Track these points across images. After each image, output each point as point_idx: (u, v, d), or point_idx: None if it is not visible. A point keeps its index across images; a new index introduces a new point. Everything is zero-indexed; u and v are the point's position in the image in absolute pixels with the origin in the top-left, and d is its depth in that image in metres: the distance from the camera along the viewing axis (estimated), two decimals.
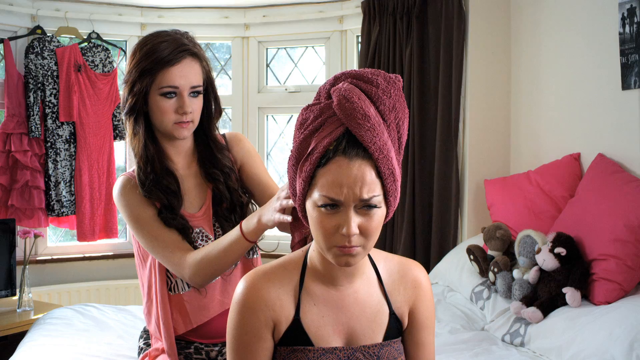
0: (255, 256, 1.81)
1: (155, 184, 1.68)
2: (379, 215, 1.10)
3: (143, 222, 1.68)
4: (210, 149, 1.80)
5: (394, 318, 1.22)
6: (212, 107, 1.78)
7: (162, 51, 1.65)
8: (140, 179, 1.69)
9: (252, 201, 1.83)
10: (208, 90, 1.76)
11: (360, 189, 1.06)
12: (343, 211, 1.07)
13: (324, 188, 1.07)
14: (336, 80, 1.14)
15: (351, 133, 1.08)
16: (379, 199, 1.09)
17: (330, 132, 1.08)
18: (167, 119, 1.68)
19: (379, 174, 1.09)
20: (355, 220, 1.07)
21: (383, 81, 1.12)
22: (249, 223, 1.57)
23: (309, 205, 1.11)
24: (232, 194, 1.77)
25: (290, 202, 1.41)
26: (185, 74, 1.67)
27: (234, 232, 1.59)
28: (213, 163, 1.78)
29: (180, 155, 1.78)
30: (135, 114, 1.69)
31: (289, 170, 1.16)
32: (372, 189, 1.07)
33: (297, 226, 1.37)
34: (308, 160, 1.09)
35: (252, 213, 1.63)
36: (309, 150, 1.09)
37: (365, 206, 1.08)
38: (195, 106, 1.70)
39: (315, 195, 1.09)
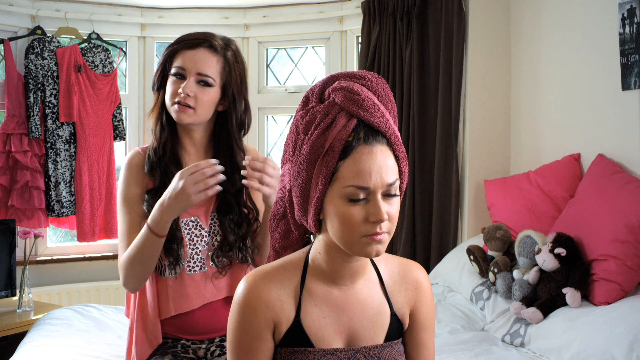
0: (248, 265, 1.82)
1: (160, 164, 1.74)
2: (398, 200, 1.13)
3: (129, 204, 1.73)
4: (229, 162, 1.78)
5: (395, 319, 1.22)
6: (232, 110, 1.78)
7: (186, 37, 1.76)
8: (150, 155, 1.75)
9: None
10: (227, 90, 1.77)
11: (386, 173, 1.09)
12: (371, 199, 1.09)
13: (351, 178, 1.08)
14: (325, 83, 1.16)
15: (364, 123, 1.10)
16: (398, 183, 1.12)
17: (344, 125, 1.10)
18: (170, 99, 1.74)
19: (395, 158, 1.12)
20: (384, 207, 1.09)
21: (372, 77, 1.16)
22: (153, 215, 1.62)
23: (330, 202, 1.11)
24: (239, 205, 1.80)
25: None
26: (196, 60, 1.73)
27: (144, 228, 1.63)
28: (228, 176, 1.78)
29: (194, 147, 1.82)
30: (156, 87, 1.79)
31: (299, 174, 1.13)
32: (394, 173, 1.11)
33: (278, 230, 1.32)
34: (328, 156, 1.09)
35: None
36: (327, 147, 1.10)
37: (388, 194, 1.10)
38: (200, 95, 1.72)
39: (340, 190, 1.09)
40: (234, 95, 1.78)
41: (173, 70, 1.74)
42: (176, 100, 1.71)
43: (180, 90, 1.70)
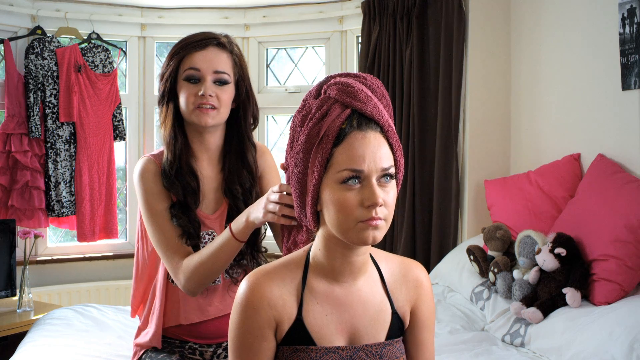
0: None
1: (178, 177, 1.69)
2: (394, 189, 1.14)
3: (155, 213, 1.68)
4: (240, 158, 1.77)
5: (396, 317, 1.23)
6: (245, 105, 1.77)
7: (189, 39, 1.72)
8: (165, 168, 1.69)
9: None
10: (240, 85, 1.75)
11: (380, 158, 1.11)
12: (366, 184, 1.10)
13: (345, 162, 1.10)
14: (322, 83, 1.19)
15: (358, 113, 1.12)
16: (393, 170, 1.13)
17: (338, 114, 1.12)
18: (189, 103, 1.68)
19: (390, 147, 1.14)
20: (379, 192, 1.10)
21: (367, 76, 1.19)
22: (238, 222, 1.57)
23: (326, 190, 1.12)
24: None
25: (278, 207, 1.42)
26: (209, 59, 1.69)
27: (225, 233, 1.59)
28: (239, 176, 1.76)
29: (207, 153, 1.76)
30: (165, 99, 1.72)
31: (296, 165, 1.16)
32: (389, 159, 1.12)
33: (289, 229, 1.37)
34: (323, 143, 1.11)
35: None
36: (322, 134, 1.12)
37: (384, 176, 1.11)
38: (220, 94, 1.69)
39: (335, 175, 1.10)
40: (247, 90, 1.77)
41: (186, 75, 1.68)
42: (198, 103, 1.67)
43: (201, 93, 1.66)
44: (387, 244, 3.41)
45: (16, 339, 2.71)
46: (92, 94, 3.64)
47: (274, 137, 4.09)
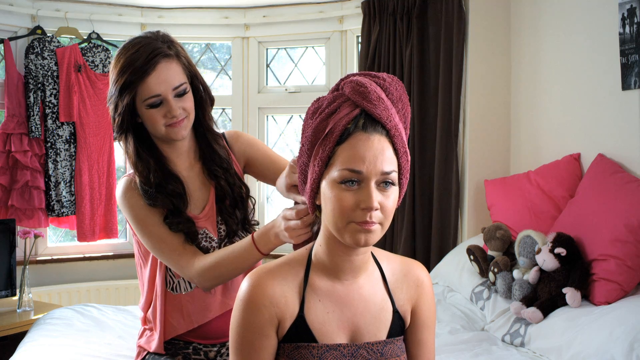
0: None
1: (160, 191, 1.68)
2: (395, 194, 1.14)
3: (149, 225, 1.68)
4: (209, 143, 1.79)
5: (397, 316, 1.23)
6: (202, 98, 1.76)
7: (135, 62, 1.63)
8: (144, 189, 1.68)
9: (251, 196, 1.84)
10: (194, 83, 1.73)
11: (382, 162, 1.10)
12: (364, 187, 1.10)
13: (345, 162, 1.10)
14: (342, 80, 1.19)
15: (367, 113, 1.12)
16: (395, 175, 1.13)
17: (346, 113, 1.12)
18: (158, 126, 1.67)
19: (395, 151, 1.13)
20: (376, 195, 1.09)
21: (387, 77, 1.18)
22: (264, 238, 1.55)
23: (325, 186, 1.13)
24: (233, 188, 1.78)
25: (295, 222, 1.41)
26: (164, 79, 1.64)
27: (247, 245, 1.58)
28: (213, 159, 1.78)
29: (182, 157, 1.77)
30: (124, 132, 1.70)
31: (300, 157, 1.17)
32: (392, 164, 1.12)
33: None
34: (327, 140, 1.12)
35: (265, 226, 1.58)
36: (327, 131, 1.12)
37: (384, 182, 1.11)
38: (185, 104, 1.68)
39: (335, 173, 1.11)
40: (201, 82, 1.75)
41: (148, 104, 1.64)
42: (169, 123, 1.66)
43: (171, 115, 1.65)
44: (387, 244, 3.41)
45: (16, 338, 2.71)
46: (92, 94, 3.64)
47: (274, 137, 4.09)
